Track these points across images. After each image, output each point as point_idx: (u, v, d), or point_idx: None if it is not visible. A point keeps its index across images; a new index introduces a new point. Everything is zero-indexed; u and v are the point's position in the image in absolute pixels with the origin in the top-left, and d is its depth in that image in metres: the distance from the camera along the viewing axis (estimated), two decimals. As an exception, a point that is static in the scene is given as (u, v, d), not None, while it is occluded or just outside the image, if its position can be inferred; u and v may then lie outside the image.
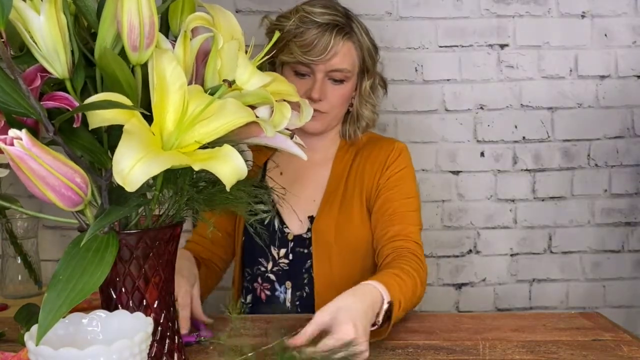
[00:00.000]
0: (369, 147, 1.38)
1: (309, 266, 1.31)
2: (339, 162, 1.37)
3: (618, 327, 1.07)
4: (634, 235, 1.94)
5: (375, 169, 1.33)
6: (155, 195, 0.76)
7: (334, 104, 1.30)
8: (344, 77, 1.29)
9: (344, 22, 1.28)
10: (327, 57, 1.24)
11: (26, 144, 0.61)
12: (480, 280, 1.94)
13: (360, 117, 1.37)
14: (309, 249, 1.31)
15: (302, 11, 1.27)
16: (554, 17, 1.88)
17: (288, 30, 1.26)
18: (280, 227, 1.34)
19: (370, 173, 1.33)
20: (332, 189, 1.34)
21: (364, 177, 1.34)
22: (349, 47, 1.28)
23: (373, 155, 1.35)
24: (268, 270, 1.34)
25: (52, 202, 0.66)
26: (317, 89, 1.26)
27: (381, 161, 1.34)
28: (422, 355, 0.94)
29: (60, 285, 0.64)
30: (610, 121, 1.91)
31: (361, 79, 1.34)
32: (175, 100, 0.68)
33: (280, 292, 1.33)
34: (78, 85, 0.72)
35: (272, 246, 1.33)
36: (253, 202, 1.30)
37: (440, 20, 1.88)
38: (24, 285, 1.62)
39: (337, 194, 1.33)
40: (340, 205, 1.32)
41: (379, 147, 1.37)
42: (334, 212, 1.31)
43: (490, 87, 1.90)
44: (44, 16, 0.65)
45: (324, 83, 1.27)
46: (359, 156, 1.37)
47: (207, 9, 0.77)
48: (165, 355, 0.82)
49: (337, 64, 1.26)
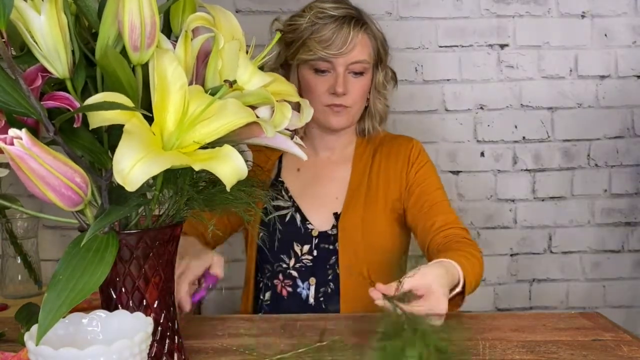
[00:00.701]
0: (386, 145, 1.39)
1: (333, 262, 1.31)
2: (358, 160, 1.38)
3: (618, 327, 1.07)
4: (634, 235, 1.94)
5: (400, 167, 1.36)
6: (155, 195, 0.76)
7: (356, 97, 1.31)
8: (363, 69, 1.30)
9: (358, 15, 1.30)
10: (347, 49, 1.26)
11: (26, 143, 0.61)
12: (480, 280, 1.94)
13: (375, 111, 1.38)
14: (334, 245, 1.31)
15: (315, 8, 1.28)
16: (554, 17, 1.88)
17: (304, 29, 1.27)
18: (302, 223, 1.34)
19: (395, 171, 1.35)
20: (355, 187, 1.35)
21: (388, 176, 1.35)
22: (366, 38, 1.30)
23: (393, 153, 1.38)
24: (290, 266, 1.33)
25: (52, 201, 0.66)
26: (340, 82, 1.27)
27: (404, 159, 1.36)
28: (422, 355, 0.94)
29: (60, 285, 0.64)
30: (610, 121, 1.91)
31: (375, 71, 1.35)
32: (175, 101, 0.68)
33: (303, 288, 1.32)
34: (79, 85, 0.72)
35: (295, 242, 1.33)
36: (270, 198, 1.32)
37: (440, 20, 1.88)
38: (24, 285, 1.62)
39: (361, 192, 1.34)
40: (364, 203, 1.33)
41: (397, 145, 1.39)
42: (359, 209, 1.32)
43: (490, 87, 1.90)
44: (44, 16, 0.65)
45: (346, 77, 1.28)
46: (378, 154, 1.38)
47: (208, 9, 0.77)
48: (165, 355, 0.82)
49: (357, 56, 1.28)
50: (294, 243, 1.33)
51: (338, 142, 1.39)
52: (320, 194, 1.36)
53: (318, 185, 1.37)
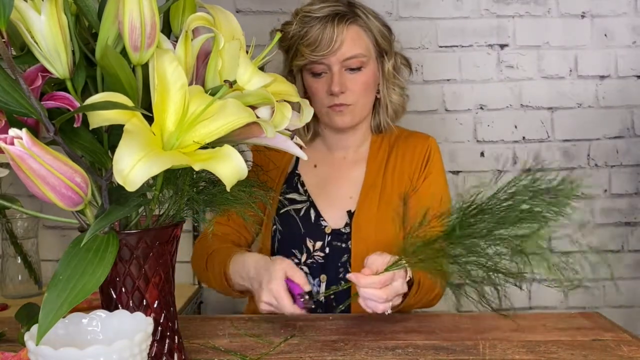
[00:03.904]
0: (402, 144, 1.39)
1: (345, 260, 1.31)
2: (373, 160, 1.38)
3: (618, 327, 1.07)
4: (634, 235, 1.94)
5: (413, 168, 1.36)
6: (155, 195, 0.76)
7: (357, 93, 1.29)
8: (361, 64, 1.28)
9: (345, 10, 1.28)
10: (334, 47, 1.24)
11: (26, 143, 0.61)
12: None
13: (390, 103, 1.36)
14: (347, 244, 1.31)
15: (301, 12, 1.28)
16: (554, 17, 1.88)
17: (293, 35, 1.27)
18: (316, 219, 1.33)
19: (409, 172, 1.35)
20: (369, 186, 1.34)
21: (403, 175, 1.35)
22: (356, 31, 1.28)
23: (409, 153, 1.37)
24: (302, 262, 1.33)
25: (52, 201, 0.66)
26: (335, 82, 1.26)
27: (418, 161, 1.36)
28: (422, 355, 0.94)
29: (60, 285, 0.64)
30: (610, 121, 1.91)
31: (381, 62, 1.34)
32: (175, 101, 0.68)
33: (314, 285, 1.31)
34: (79, 85, 0.72)
35: (308, 238, 1.33)
36: (286, 192, 1.34)
37: (440, 20, 1.88)
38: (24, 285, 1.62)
39: (375, 191, 1.33)
40: (379, 202, 1.32)
41: (413, 145, 1.38)
42: (373, 208, 1.31)
43: (490, 87, 1.90)
44: (45, 16, 0.65)
45: (341, 75, 1.27)
46: (394, 152, 1.38)
47: (208, 9, 0.77)
48: (165, 355, 0.82)
49: (348, 52, 1.26)
50: (307, 238, 1.33)
51: (350, 140, 1.39)
52: (334, 193, 1.36)
53: (333, 185, 1.37)
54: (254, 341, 1.01)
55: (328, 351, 0.96)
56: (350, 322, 1.11)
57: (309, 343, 1.00)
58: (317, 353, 0.95)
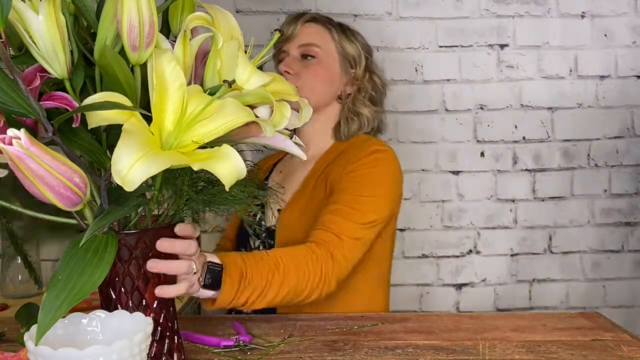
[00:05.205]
0: (352, 148, 1.35)
1: None
2: (321, 162, 1.38)
3: (618, 327, 1.07)
4: (634, 235, 1.94)
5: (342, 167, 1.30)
6: (154, 195, 0.76)
7: (305, 79, 1.34)
8: (314, 53, 1.36)
9: (315, 15, 1.40)
10: (293, 34, 1.36)
11: (25, 143, 0.61)
12: (481, 280, 1.94)
13: (357, 115, 1.39)
14: (274, 241, 1.34)
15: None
16: (554, 17, 1.88)
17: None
18: (260, 219, 1.40)
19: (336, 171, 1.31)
20: (304, 186, 1.36)
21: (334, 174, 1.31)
22: (317, 27, 1.38)
23: (349, 153, 1.33)
24: None
25: (51, 202, 0.66)
26: (285, 62, 1.36)
27: (350, 159, 1.31)
28: (422, 355, 0.94)
29: (60, 285, 0.64)
30: (610, 121, 1.91)
31: (347, 70, 1.40)
32: (174, 100, 0.68)
33: None
34: (77, 85, 0.72)
35: (250, 237, 1.40)
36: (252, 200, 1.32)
37: (440, 20, 1.88)
38: (24, 285, 1.61)
39: (307, 191, 1.34)
40: (306, 201, 1.32)
41: (357, 148, 1.34)
42: (299, 207, 1.32)
43: (490, 87, 1.90)
44: (42, 16, 0.65)
45: (294, 59, 1.37)
46: (340, 156, 1.35)
47: (207, 9, 0.77)
48: (165, 355, 0.81)
49: (304, 39, 1.37)
50: (249, 237, 1.40)
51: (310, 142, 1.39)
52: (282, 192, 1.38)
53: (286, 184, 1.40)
54: (254, 341, 1.01)
55: (328, 351, 0.96)
56: (351, 322, 1.11)
57: (309, 343, 1.00)
58: (317, 353, 0.95)
